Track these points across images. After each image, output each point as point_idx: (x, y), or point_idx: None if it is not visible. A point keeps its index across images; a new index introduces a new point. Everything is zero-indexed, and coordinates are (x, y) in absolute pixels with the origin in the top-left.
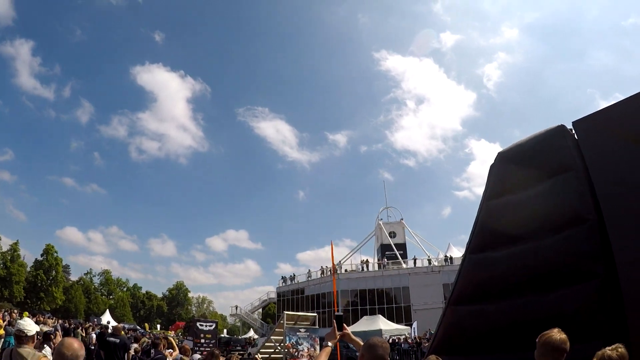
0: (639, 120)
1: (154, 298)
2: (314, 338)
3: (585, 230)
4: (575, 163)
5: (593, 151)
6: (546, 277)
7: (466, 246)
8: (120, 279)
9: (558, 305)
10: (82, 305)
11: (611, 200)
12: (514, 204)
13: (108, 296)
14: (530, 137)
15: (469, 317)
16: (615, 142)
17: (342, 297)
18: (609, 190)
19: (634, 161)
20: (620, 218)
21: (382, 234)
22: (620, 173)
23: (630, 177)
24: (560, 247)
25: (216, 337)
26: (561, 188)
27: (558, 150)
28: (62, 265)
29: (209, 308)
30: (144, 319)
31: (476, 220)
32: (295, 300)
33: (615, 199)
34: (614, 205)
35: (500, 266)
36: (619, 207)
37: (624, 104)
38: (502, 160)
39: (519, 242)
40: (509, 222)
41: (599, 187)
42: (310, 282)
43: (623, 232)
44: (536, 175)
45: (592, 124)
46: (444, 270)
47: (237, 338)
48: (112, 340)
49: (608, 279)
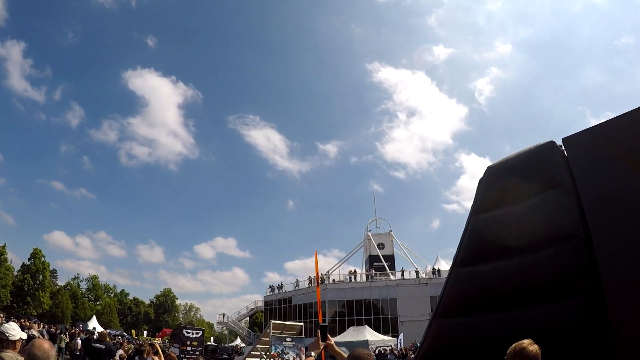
0: (628, 139)
1: (141, 304)
2: (300, 348)
3: (573, 247)
4: (564, 179)
5: (582, 168)
6: (532, 292)
7: (453, 259)
8: (107, 284)
9: (544, 320)
10: (68, 310)
11: (598, 217)
12: (502, 219)
13: (95, 302)
14: (520, 152)
15: (454, 330)
16: (604, 160)
17: (330, 307)
18: (596, 207)
19: (623, 179)
20: (607, 235)
21: (371, 245)
22: (608, 191)
23: (618, 195)
24: (548, 262)
25: (202, 344)
26: (550, 204)
27: (547, 166)
28: (50, 270)
29: (196, 315)
30: (131, 326)
31: (464, 233)
32: (283, 310)
33: (602, 216)
34: (601, 223)
35: (486, 280)
36: (606, 224)
37: (614, 122)
38: (491, 174)
39: (506, 256)
40: (497, 237)
41: (586, 204)
42: (297, 292)
43: (609, 249)
44: (525, 190)
45: (582, 141)
46: (431, 283)
47: (223, 346)
48: (97, 347)
49: (594, 295)
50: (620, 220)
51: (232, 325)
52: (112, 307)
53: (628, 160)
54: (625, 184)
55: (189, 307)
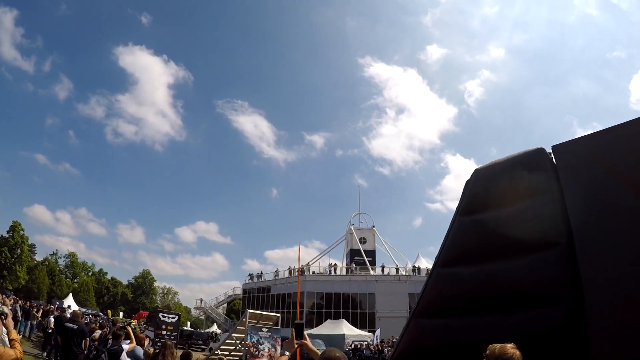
0: (618, 152)
1: (119, 285)
2: (276, 339)
3: (555, 255)
4: (551, 187)
5: (570, 177)
6: (513, 298)
7: (435, 259)
8: (85, 262)
9: (523, 326)
10: (45, 286)
11: (583, 228)
12: (487, 222)
13: (72, 279)
14: (509, 157)
15: (432, 331)
16: (592, 171)
17: (308, 298)
18: (582, 217)
19: (610, 192)
20: (591, 246)
21: (353, 239)
22: (594, 201)
23: (604, 207)
24: (530, 269)
25: (178, 329)
26: (535, 210)
27: (535, 173)
28: (28, 244)
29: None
30: (108, 306)
31: (447, 234)
32: (261, 298)
33: (587, 227)
34: (585, 233)
35: (467, 283)
36: (590, 235)
37: (605, 134)
38: (479, 177)
39: (488, 260)
40: (480, 240)
41: (572, 213)
42: (277, 282)
43: (592, 260)
44: (511, 195)
45: (571, 150)
46: (411, 280)
47: (199, 332)
48: (70, 326)
49: (575, 304)
50: (605, 232)
51: (210, 311)
52: (90, 285)
53: (616, 173)
54: (612, 196)
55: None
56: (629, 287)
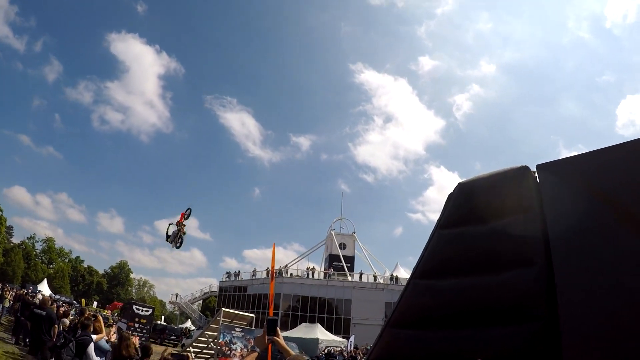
0: (602, 176)
1: (95, 274)
2: (249, 339)
3: (533, 273)
4: (533, 205)
5: (552, 197)
6: (487, 313)
7: (413, 270)
8: (63, 249)
9: (497, 342)
10: (20, 270)
11: (562, 248)
12: (467, 237)
13: (48, 265)
14: (493, 173)
15: (405, 342)
16: (575, 192)
17: (284, 300)
18: (561, 238)
19: (591, 214)
20: (568, 266)
21: (333, 244)
22: (575, 223)
23: (584, 229)
24: (506, 286)
25: (151, 323)
26: (515, 228)
27: (518, 191)
28: (6, 226)
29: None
30: (82, 294)
31: (426, 246)
32: (237, 297)
33: (566, 247)
34: (564, 253)
35: (444, 296)
36: (568, 255)
37: (590, 157)
38: (462, 191)
39: (466, 274)
40: (459, 254)
41: (552, 233)
42: (254, 281)
43: (569, 280)
44: (493, 211)
45: (555, 170)
46: (388, 289)
47: (173, 327)
48: (38, 313)
49: (549, 324)
50: (583, 253)
51: (185, 306)
52: (65, 272)
53: (599, 196)
54: (593, 219)
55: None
56: (605, 309)
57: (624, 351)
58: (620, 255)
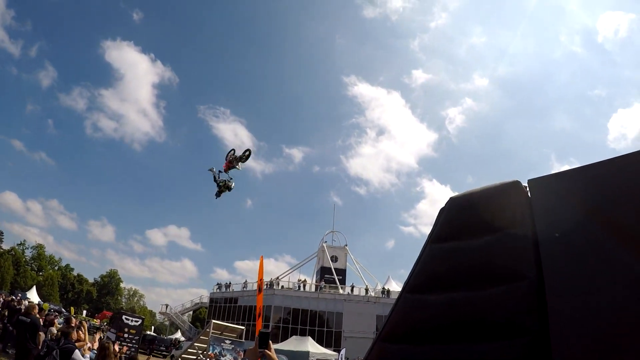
0: (593, 191)
1: (85, 282)
2: (238, 351)
3: (524, 287)
4: (524, 220)
5: (543, 212)
6: (479, 327)
7: (404, 284)
8: (53, 256)
9: (488, 357)
10: (9, 276)
11: (553, 263)
12: (458, 251)
13: (38, 272)
14: (484, 188)
15: (396, 356)
16: (566, 207)
17: (275, 312)
18: (552, 253)
19: (582, 229)
20: (559, 281)
21: (324, 256)
22: (567, 238)
23: (575, 244)
24: (497, 300)
25: (141, 333)
26: (506, 243)
27: (510, 206)
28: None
29: (139, 302)
30: (71, 303)
31: (418, 260)
32: (228, 309)
33: (557, 263)
34: (555, 268)
35: (434, 310)
36: (559, 270)
37: (581, 172)
38: (453, 205)
39: (457, 289)
40: (450, 268)
41: (543, 248)
42: (244, 293)
43: (560, 296)
44: (485, 226)
45: (547, 185)
46: (379, 302)
47: (162, 338)
48: (23, 320)
49: (539, 338)
50: (575, 268)
51: (175, 317)
52: (55, 280)
53: (590, 211)
54: (584, 234)
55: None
56: (596, 324)
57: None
58: (612, 271)
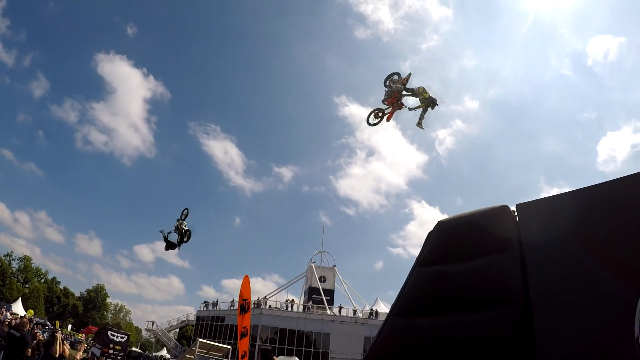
0: (581, 216)
1: (71, 296)
2: None
3: (511, 312)
4: (512, 245)
5: (531, 237)
6: (466, 352)
7: (391, 307)
8: (39, 268)
9: None
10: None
11: (540, 288)
12: (446, 275)
13: (24, 284)
14: (473, 212)
15: None
16: (554, 233)
17: (262, 332)
18: (540, 278)
19: (570, 255)
20: (547, 306)
21: (313, 276)
22: (554, 263)
23: (563, 269)
24: (484, 325)
25: (126, 350)
26: (494, 267)
27: (498, 230)
28: None
29: (125, 318)
30: (57, 316)
31: (405, 283)
32: (214, 327)
33: (544, 288)
34: (542, 293)
35: (421, 334)
36: (547, 296)
37: (570, 197)
38: (442, 229)
39: (444, 313)
40: (438, 292)
41: (531, 273)
42: (232, 312)
43: (547, 320)
44: (472, 250)
45: (535, 209)
46: (367, 323)
47: (147, 355)
48: (13, 334)
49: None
50: (562, 294)
51: (161, 334)
52: (41, 293)
53: (578, 237)
54: (572, 260)
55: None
56: (583, 349)
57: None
58: (599, 298)
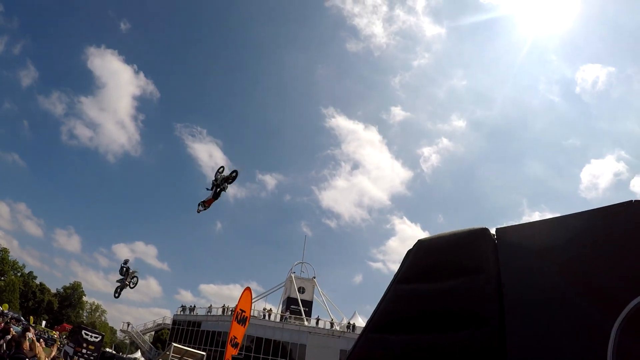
0: (559, 243)
1: (47, 292)
2: None
3: (485, 334)
4: (489, 267)
5: (509, 261)
6: None
7: (367, 322)
8: (16, 261)
9: None
10: None
11: (516, 311)
12: (423, 293)
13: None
14: (452, 233)
15: None
16: (532, 258)
17: None
18: (516, 301)
19: (547, 282)
20: (521, 330)
21: (292, 287)
22: (530, 287)
23: (539, 294)
24: (459, 345)
25: (100, 350)
26: (471, 288)
27: (476, 252)
28: None
29: (101, 317)
30: (31, 312)
31: (382, 299)
32: (190, 332)
33: (520, 311)
34: (517, 316)
35: (396, 351)
36: (522, 319)
37: (549, 224)
38: (421, 248)
39: (419, 331)
40: (414, 310)
41: (507, 296)
42: (209, 318)
43: (520, 342)
44: (450, 270)
45: (514, 234)
46: (344, 336)
47: (121, 356)
48: None
49: None
50: (537, 319)
51: (136, 336)
52: (16, 286)
53: (555, 263)
54: (549, 287)
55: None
56: None
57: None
58: (574, 323)
